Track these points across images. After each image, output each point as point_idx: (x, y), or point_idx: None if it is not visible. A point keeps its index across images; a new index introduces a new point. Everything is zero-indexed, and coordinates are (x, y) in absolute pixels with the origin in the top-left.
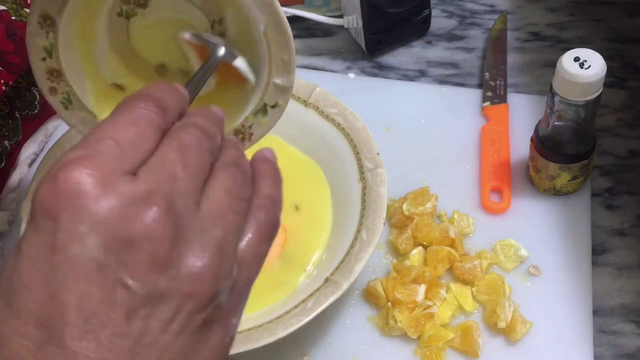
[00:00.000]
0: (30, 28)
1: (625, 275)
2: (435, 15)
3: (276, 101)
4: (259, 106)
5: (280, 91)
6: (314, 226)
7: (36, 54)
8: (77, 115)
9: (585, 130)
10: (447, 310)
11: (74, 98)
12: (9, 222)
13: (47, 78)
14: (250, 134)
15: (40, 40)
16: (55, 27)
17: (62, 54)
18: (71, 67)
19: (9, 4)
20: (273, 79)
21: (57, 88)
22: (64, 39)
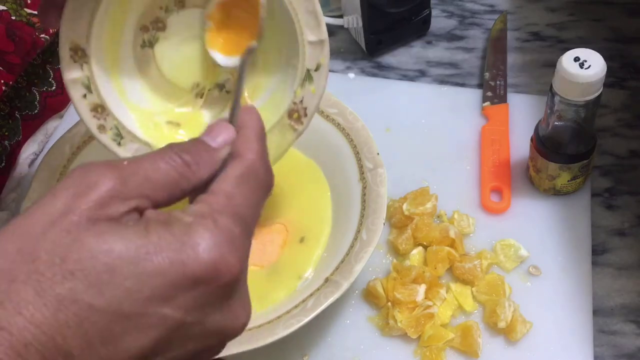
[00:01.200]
0: (64, 63)
1: (625, 275)
2: (435, 15)
3: (317, 61)
4: (302, 75)
5: (318, 48)
6: (314, 226)
7: (76, 91)
8: (130, 149)
9: (585, 130)
10: (447, 310)
11: (123, 131)
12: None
13: (93, 116)
14: (304, 108)
15: (76, 74)
16: (87, 57)
17: (100, 85)
18: (112, 99)
19: (9, 4)
20: (306, 38)
21: (104, 125)
22: (99, 69)
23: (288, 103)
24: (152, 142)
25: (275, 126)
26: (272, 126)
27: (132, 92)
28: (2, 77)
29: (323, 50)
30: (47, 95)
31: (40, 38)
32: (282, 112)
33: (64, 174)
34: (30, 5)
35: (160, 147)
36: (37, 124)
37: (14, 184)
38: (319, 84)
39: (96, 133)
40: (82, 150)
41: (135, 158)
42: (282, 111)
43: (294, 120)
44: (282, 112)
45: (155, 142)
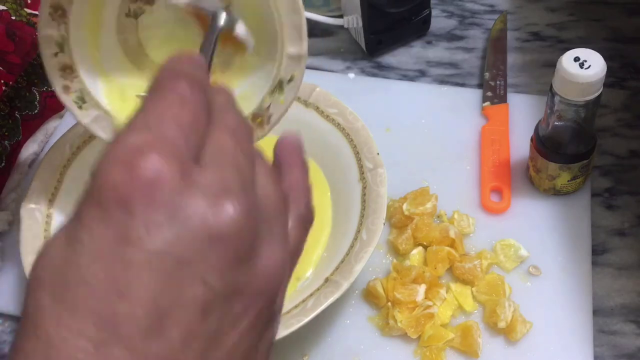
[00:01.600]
0: (42, 20)
1: (625, 275)
2: (435, 15)
3: (292, 74)
4: (274, 83)
5: (295, 61)
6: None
7: (48, 48)
8: (90, 115)
9: (585, 130)
10: (447, 310)
11: (87, 96)
12: (9, 222)
13: (60, 75)
14: (269, 116)
15: (52, 31)
16: (66, 17)
17: (74, 47)
18: (84, 63)
19: (9, 4)
20: (286, 49)
21: (70, 86)
22: (76, 32)
23: (254, 106)
24: (113, 113)
25: None
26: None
27: (108, 60)
28: (2, 77)
29: (299, 65)
30: (47, 95)
31: None
32: (247, 113)
33: (64, 174)
34: (30, 5)
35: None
36: (37, 124)
37: (14, 184)
38: (289, 96)
39: (60, 92)
40: (82, 150)
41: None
42: (247, 112)
43: (257, 124)
44: (246, 113)
45: (118, 114)
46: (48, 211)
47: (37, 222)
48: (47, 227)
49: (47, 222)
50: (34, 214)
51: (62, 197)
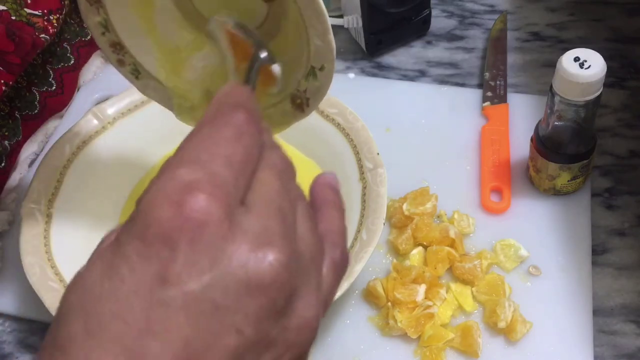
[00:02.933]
0: (82, 7)
1: (625, 275)
2: (435, 15)
3: (322, 63)
4: (307, 69)
5: (323, 53)
6: None
7: (95, 30)
8: (149, 85)
9: (585, 130)
10: (447, 310)
11: (140, 67)
12: (9, 222)
13: (112, 51)
14: (307, 98)
15: (95, 17)
16: (100, 2)
17: (117, 26)
18: (132, 39)
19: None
20: (313, 40)
21: (123, 60)
22: (115, 12)
23: (293, 88)
24: (165, 83)
25: (279, 104)
26: (276, 103)
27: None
28: (2, 77)
29: (328, 56)
30: (47, 95)
31: (40, 38)
32: (287, 93)
33: (64, 174)
34: (30, 5)
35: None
36: (37, 124)
37: (14, 184)
38: (323, 83)
39: (115, 65)
40: (82, 150)
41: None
42: (287, 92)
43: (296, 105)
44: (286, 93)
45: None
46: (48, 211)
47: (37, 222)
48: (47, 227)
49: (47, 222)
50: (34, 214)
51: (62, 197)
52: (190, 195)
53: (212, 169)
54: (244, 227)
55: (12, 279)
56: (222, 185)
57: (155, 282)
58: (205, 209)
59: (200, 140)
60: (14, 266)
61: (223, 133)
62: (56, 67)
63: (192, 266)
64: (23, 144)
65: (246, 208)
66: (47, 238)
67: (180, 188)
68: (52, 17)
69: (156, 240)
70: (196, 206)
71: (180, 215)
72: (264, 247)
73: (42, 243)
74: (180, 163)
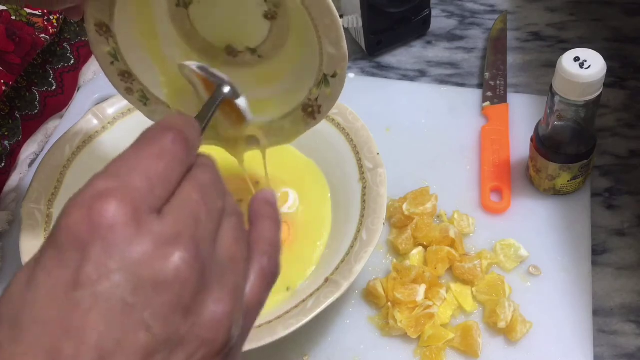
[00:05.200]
0: (91, 38)
1: (625, 275)
2: (435, 15)
3: (334, 70)
4: (319, 77)
5: (335, 60)
6: (314, 226)
7: (104, 60)
8: (156, 110)
9: (585, 130)
10: (447, 310)
11: (148, 94)
12: (9, 222)
13: (121, 80)
14: (319, 106)
15: (104, 47)
16: (111, 32)
17: (126, 55)
18: (139, 66)
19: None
20: (326, 48)
21: (132, 88)
22: (124, 41)
23: (304, 97)
24: (171, 105)
25: (291, 114)
26: (288, 113)
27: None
28: (2, 77)
29: (341, 63)
30: (47, 95)
31: (40, 38)
32: (298, 102)
33: (64, 174)
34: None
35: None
36: (37, 124)
37: (14, 184)
38: (335, 89)
39: (124, 94)
40: (82, 150)
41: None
42: (298, 102)
43: (308, 114)
44: (297, 102)
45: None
46: (48, 211)
47: (37, 222)
48: (47, 227)
49: (47, 222)
50: (34, 214)
51: (62, 197)
52: (100, 201)
53: (127, 180)
54: (152, 230)
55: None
56: (134, 193)
57: (69, 285)
58: (113, 213)
59: (124, 157)
60: (14, 266)
61: (147, 150)
62: (56, 67)
63: (101, 267)
64: (23, 144)
65: (160, 215)
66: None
67: (92, 196)
68: (52, 17)
69: (68, 246)
70: (104, 211)
71: (89, 219)
72: (169, 246)
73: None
74: (99, 177)
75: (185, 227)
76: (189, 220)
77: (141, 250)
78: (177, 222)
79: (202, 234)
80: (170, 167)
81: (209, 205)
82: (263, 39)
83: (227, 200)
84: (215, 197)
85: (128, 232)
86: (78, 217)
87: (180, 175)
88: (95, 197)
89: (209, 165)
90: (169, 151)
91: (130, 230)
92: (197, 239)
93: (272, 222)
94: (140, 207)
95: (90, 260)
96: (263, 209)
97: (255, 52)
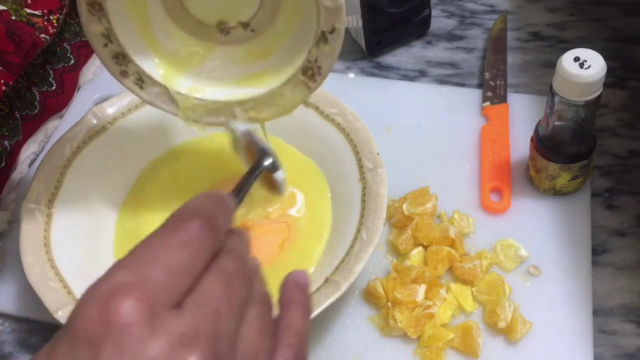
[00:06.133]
0: (83, 18)
1: (625, 275)
2: (435, 15)
3: (332, 24)
4: (317, 35)
5: (333, 13)
6: (314, 226)
7: (97, 41)
8: (152, 93)
9: (585, 130)
10: (447, 310)
11: (144, 76)
12: (9, 222)
13: (115, 62)
14: (319, 67)
15: (96, 27)
16: (104, 11)
17: (120, 36)
18: (134, 47)
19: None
20: (323, 2)
21: (126, 70)
22: (118, 21)
23: (303, 60)
24: (169, 86)
25: (291, 80)
26: (288, 79)
27: (159, 31)
28: (2, 77)
29: (338, 16)
30: (47, 95)
31: (40, 38)
32: (297, 67)
33: (64, 174)
34: (30, 5)
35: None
36: (37, 124)
37: (14, 184)
38: (334, 46)
39: (118, 77)
40: (82, 150)
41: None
42: (296, 67)
43: (308, 77)
44: (296, 67)
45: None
46: (48, 211)
47: (37, 222)
48: (47, 227)
49: (47, 222)
50: (34, 214)
51: (62, 197)
52: (116, 298)
53: (147, 273)
54: (169, 329)
55: (12, 279)
56: (152, 289)
57: None
58: (128, 311)
59: (147, 245)
60: (14, 266)
61: (171, 239)
62: (56, 67)
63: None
64: (23, 144)
65: (179, 311)
66: (47, 238)
67: (109, 290)
68: (52, 17)
69: (82, 341)
70: (120, 309)
71: (105, 318)
72: (186, 348)
73: (42, 243)
74: (120, 266)
75: (204, 324)
76: (209, 315)
77: (155, 353)
78: (196, 319)
79: (223, 330)
80: (194, 257)
81: (232, 296)
82: (255, 11)
83: (255, 286)
84: (240, 286)
85: (143, 333)
86: (93, 313)
87: (204, 264)
88: (112, 292)
89: (237, 250)
90: (194, 240)
91: (145, 331)
92: (216, 338)
93: (303, 310)
94: (158, 303)
95: (103, 358)
96: (294, 294)
97: (248, 26)
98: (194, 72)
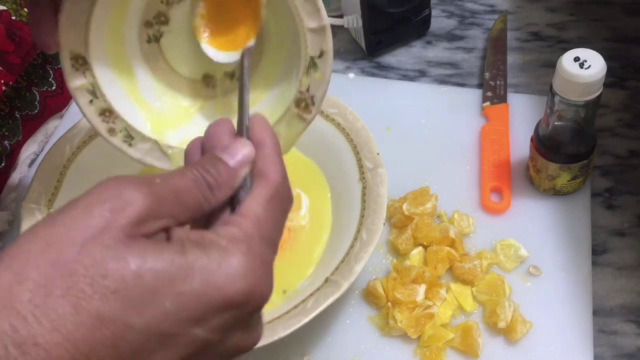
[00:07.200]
0: (66, 74)
1: (625, 275)
2: (435, 15)
3: (320, 48)
4: (306, 62)
5: (319, 35)
6: (314, 226)
7: (82, 98)
8: (142, 149)
9: (585, 130)
10: (447, 310)
11: (133, 132)
12: (9, 222)
13: (102, 120)
14: (312, 97)
15: (79, 81)
16: (88, 64)
17: (105, 90)
18: (120, 102)
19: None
20: (306, 25)
21: (114, 128)
22: (103, 75)
23: (294, 92)
24: (159, 140)
25: (284, 117)
26: (280, 117)
27: (145, 89)
28: (2, 77)
29: (325, 37)
30: (47, 95)
31: None
32: (289, 102)
33: (64, 174)
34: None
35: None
36: (37, 124)
37: (14, 184)
38: (324, 71)
39: (106, 136)
40: (82, 150)
41: (166, 176)
42: (289, 101)
43: (302, 109)
44: (289, 102)
45: (161, 139)
46: (48, 211)
47: (37, 222)
48: None
49: None
50: (34, 214)
51: (62, 197)
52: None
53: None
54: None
55: None
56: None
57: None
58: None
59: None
60: None
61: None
62: (56, 67)
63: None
64: (23, 144)
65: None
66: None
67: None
68: None
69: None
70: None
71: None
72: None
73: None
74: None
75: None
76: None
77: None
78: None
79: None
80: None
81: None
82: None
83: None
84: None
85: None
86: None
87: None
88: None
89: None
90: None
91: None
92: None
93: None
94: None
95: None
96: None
97: (233, 75)
98: (185, 125)
